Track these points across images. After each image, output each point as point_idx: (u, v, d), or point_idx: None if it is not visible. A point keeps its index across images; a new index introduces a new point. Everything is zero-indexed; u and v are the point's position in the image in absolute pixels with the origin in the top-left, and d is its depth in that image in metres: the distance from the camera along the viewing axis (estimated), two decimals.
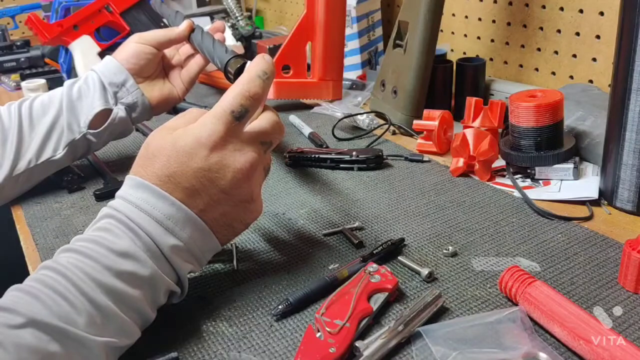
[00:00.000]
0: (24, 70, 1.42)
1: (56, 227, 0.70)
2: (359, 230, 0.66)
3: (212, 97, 1.22)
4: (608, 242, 0.61)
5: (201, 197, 0.49)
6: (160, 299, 0.48)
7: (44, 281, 0.42)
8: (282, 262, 0.60)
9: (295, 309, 0.52)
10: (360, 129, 0.96)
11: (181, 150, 0.49)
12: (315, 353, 0.45)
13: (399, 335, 0.47)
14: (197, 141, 0.49)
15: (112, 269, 0.44)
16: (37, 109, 0.74)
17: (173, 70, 0.85)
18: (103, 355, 0.42)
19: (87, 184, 0.81)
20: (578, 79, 0.93)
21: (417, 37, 0.90)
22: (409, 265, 0.58)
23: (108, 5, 1.18)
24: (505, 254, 0.60)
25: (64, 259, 0.44)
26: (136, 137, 0.96)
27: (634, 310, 0.50)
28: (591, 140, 0.77)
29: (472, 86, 0.95)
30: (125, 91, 0.78)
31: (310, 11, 1.01)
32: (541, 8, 0.96)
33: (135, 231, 0.47)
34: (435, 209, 0.70)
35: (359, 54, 1.23)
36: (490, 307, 0.52)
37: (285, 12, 1.74)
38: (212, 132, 0.49)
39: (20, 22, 1.66)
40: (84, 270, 0.43)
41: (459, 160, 0.78)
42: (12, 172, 0.72)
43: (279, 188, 0.77)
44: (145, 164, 0.50)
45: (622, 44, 0.62)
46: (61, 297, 0.41)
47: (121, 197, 0.49)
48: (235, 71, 0.66)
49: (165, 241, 0.47)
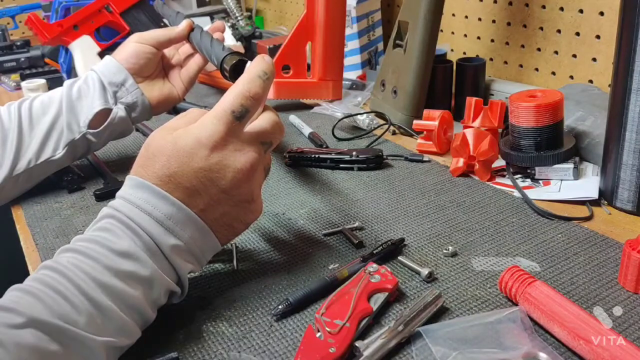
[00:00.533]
0: (24, 70, 1.42)
1: (56, 227, 0.70)
2: (359, 230, 0.66)
3: (212, 97, 1.22)
4: (608, 242, 0.61)
5: (201, 197, 0.49)
6: (161, 299, 0.48)
7: (44, 281, 0.42)
8: (282, 262, 0.60)
9: (295, 309, 0.52)
10: (360, 129, 0.96)
11: (182, 151, 0.49)
12: (315, 353, 0.45)
13: (399, 335, 0.47)
14: (197, 141, 0.49)
15: (112, 268, 0.44)
16: (37, 109, 0.74)
17: (173, 70, 0.85)
18: (103, 355, 0.42)
19: (87, 184, 0.81)
20: (578, 79, 0.93)
21: (417, 37, 0.90)
22: (409, 265, 0.58)
23: (108, 5, 1.18)
24: (505, 254, 0.60)
25: (64, 258, 0.45)
26: (136, 137, 0.96)
27: (634, 310, 0.50)
28: (591, 140, 0.77)
29: (472, 86, 0.95)
30: (125, 91, 0.78)
31: (310, 11, 1.01)
32: (541, 8, 0.96)
33: (135, 231, 0.47)
34: (435, 209, 0.70)
35: (359, 54, 1.23)
36: (490, 307, 0.52)
37: (285, 12, 1.74)
38: (213, 132, 0.49)
39: (20, 22, 1.66)
40: (84, 270, 0.43)
41: (459, 160, 0.78)
42: (12, 172, 0.72)
43: (279, 188, 0.77)
44: (146, 164, 0.50)
45: (622, 44, 0.62)
46: (61, 297, 0.41)
47: (121, 197, 0.49)
48: (231, 68, 0.66)
49: (166, 241, 0.47)
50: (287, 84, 1.05)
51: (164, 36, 0.81)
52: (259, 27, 1.60)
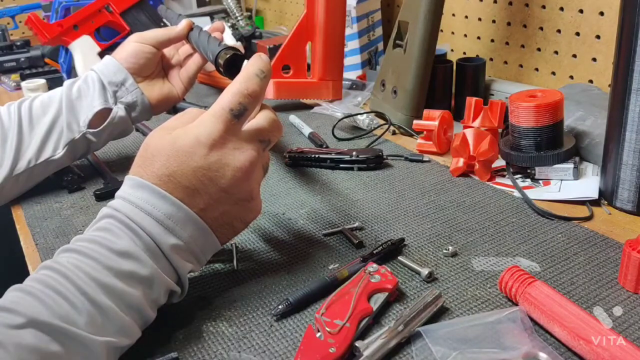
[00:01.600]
0: (24, 70, 1.42)
1: (56, 227, 0.70)
2: (359, 230, 0.66)
3: (212, 97, 1.22)
4: (608, 242, 0.61)
5: (201, 196, 0.49)
6: (161, 299, 0.48)
7: (44, 281, 0.42)
8: (282, 262, 0.60)
9: (295, 309, 0.52)
10: (360, 129, 0.96)
11: (181, 150, 0.49)
12: (315, 353, 0.45)
13: (399, 335, 0.47)
14: (196, 140, 0.49)
15: (112, 268, 0.44)
16: (37, 108, 0.74)
17: (172, 70, 0.85)
18: (103, 355, 0.42)
19: (87, 184, 0.81)
20: (578, 79, 0.93)
21: (417, 37, 0.90)
22: (409, 265, 0.58)
23: (108, 5, 1.18)
24: (505, 254, 0.60)
25: (64, 259, 0.45)
26: (136, 137, 0.96)
27: (634, 310, 0.50)
28: (591, 140, 0.77)
29: (472, 86, 0.95)
30: (125, 90, 0.78)
31: (310, 11, 1.01)
32: (541, 8, 0.96)
33: (135, 231, 0.47)
34: (435, 209, 0.70)
35: (359, 54, 1.23)
36: (490, 307, 0.52)
37: (285, 12, 1.74)
38: (212, 131, 0.49)
39: (20, 22, 1.66)
40: (84, 270, 0.43)
41: (459, 160, 0.78)
42: (12, 171, 0.72)
43: (279, 188, 0.77)
44: (145, 164, 0.50)
45: (622, 44, 0.62)
46: (61, 297, 0.41)
47: (121, 197, 0.49)
48: (225, 62, 0.66)
49: (166, 240, 0.47)
50: (287, 84, 1.05)
51: (164, 36, 0.81)
52: (259, 27, 1.60)
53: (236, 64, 0.66)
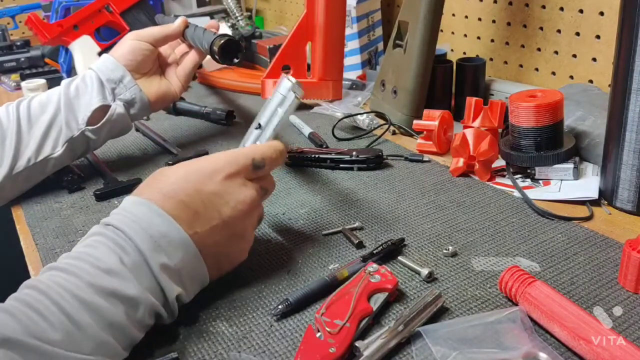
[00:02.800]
0: (24, 70, 1.42)
1: (56, 227, 0.70)
2: (359, 230, 0.66)
3: (212, 97, 1.22)
4: (608, 242, 0.61)
5: (199, 220, 0.50)
6: (146, 319, 0.46)
7: (22, 299, 0.41)
8: (282, 262, 0.60)
9: (295, 309, 0.52)
10: (360, 129, 0.96)
11: (199, 169, 0.52)
12: (315, 353, 0.45)
13: (399, 335, 0.47)
14: (215, 164, 0.53)
15: (94, 285, 0.43)
16: (35, 108, 0.75)
17: (169, 68, 0.86)
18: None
19: (87, 184, 0.81)
20: (578, 79, 0.93)
21: (417, 37, 0.90)
22: (409, 265, 0.58)
23: (108, 5, 1.19)
24: (505, 254, 0.60)
25: (46, 276, 0.44)
26: (136, 137, 0.95)
27: (634, 310, 0.50)
28: (591, 140, 0.77)
29: (472, 86, 0.95)
30: (123, 87, 0.78)
31: (310, 11, 1.01)
32: (541, 8, 0.96)
33: (124, 248, 0.46)
34: (435, 209, 0.70)
35: (359, 54, 1.23)
36: (490, 307, 0.52)
37: (285, 12, 1.74)
38: (232, 163, 0.53)
39: (20, 22, 1.66)
40: (65, 287, 0.42)
41: (459, 160, 0.78)
42: (12, 171, 0.72)
43: (279, 188, 0.77)
44: (153, 183, 0.52)
45: (622, 44, 0.62)
46: (37, 314, 0.40)
47: (115, 212, 0.49)
48: (220, 47, 0.67)
49: (156, 258, 0.47)
50: None
51: (160, 33, 0.82)
52: (259, 27, 1.60)
53: (231, 50, 0.67)
